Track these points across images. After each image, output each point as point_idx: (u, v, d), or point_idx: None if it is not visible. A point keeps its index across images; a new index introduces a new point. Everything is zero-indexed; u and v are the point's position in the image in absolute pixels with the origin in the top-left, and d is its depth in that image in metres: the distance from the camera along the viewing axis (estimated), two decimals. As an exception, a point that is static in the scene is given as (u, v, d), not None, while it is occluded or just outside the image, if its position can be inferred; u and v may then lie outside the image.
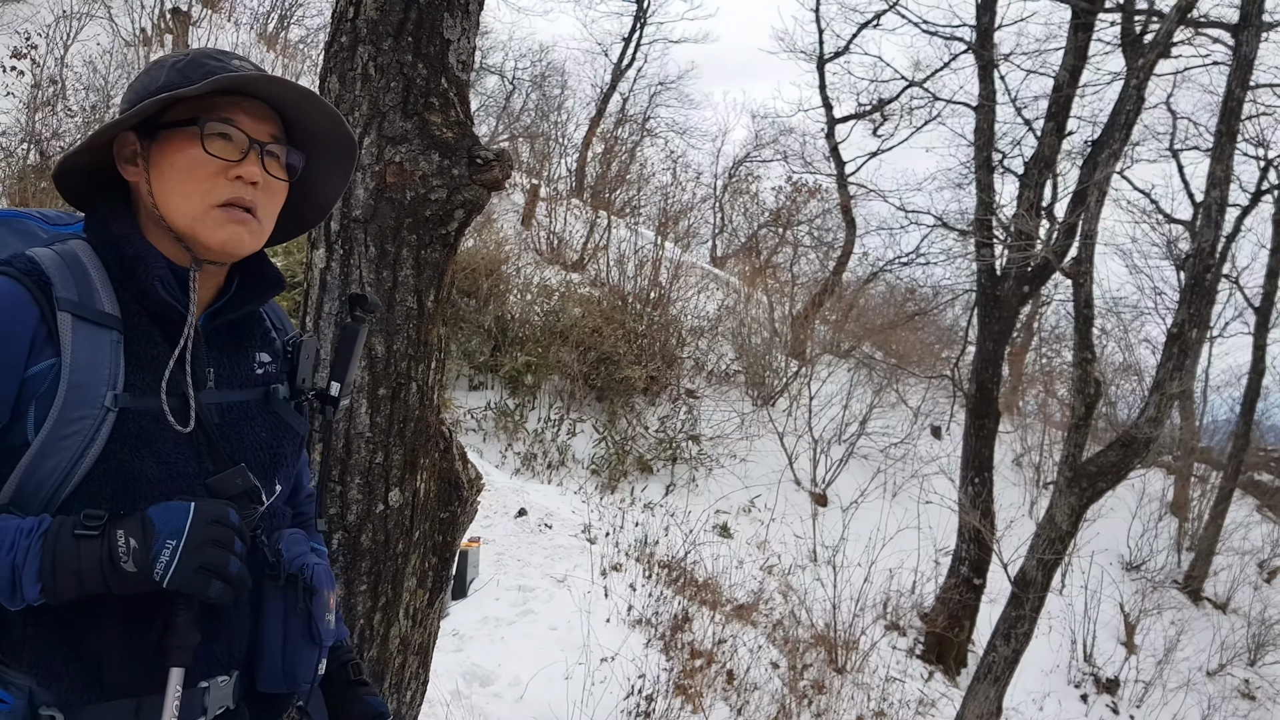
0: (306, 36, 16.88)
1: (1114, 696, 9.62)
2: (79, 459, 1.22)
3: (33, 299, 1.23)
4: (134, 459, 1.25)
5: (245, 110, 1.33)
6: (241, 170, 1.30)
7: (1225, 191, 6.66)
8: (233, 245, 1.32)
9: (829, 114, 17.14)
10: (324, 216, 1.57)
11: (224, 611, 1.34)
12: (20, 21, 10.91)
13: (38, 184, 8.46)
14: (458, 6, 2.33)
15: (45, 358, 1.22)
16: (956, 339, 15.66)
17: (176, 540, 1.17)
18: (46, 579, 1.15)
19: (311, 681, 1.42)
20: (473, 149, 2.30)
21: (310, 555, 1.45)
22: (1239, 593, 12.94)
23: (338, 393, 1.54)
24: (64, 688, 1.25)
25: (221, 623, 1.35)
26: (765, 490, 10.71)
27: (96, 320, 1.25)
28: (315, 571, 1.42)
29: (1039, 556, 6.62)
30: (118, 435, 1.24)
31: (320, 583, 1.42)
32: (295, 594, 1.39)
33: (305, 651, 1.40)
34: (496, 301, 11.11)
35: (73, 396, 1.21)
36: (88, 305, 1.25)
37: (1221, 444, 17.43)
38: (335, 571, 2.28)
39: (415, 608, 2.52)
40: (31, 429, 1.22)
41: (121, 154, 1.35)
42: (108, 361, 1.25)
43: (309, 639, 1.40)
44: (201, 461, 1.32)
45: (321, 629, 1.41)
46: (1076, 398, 6.92)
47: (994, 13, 10.45)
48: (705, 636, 6.23)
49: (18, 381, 1.21)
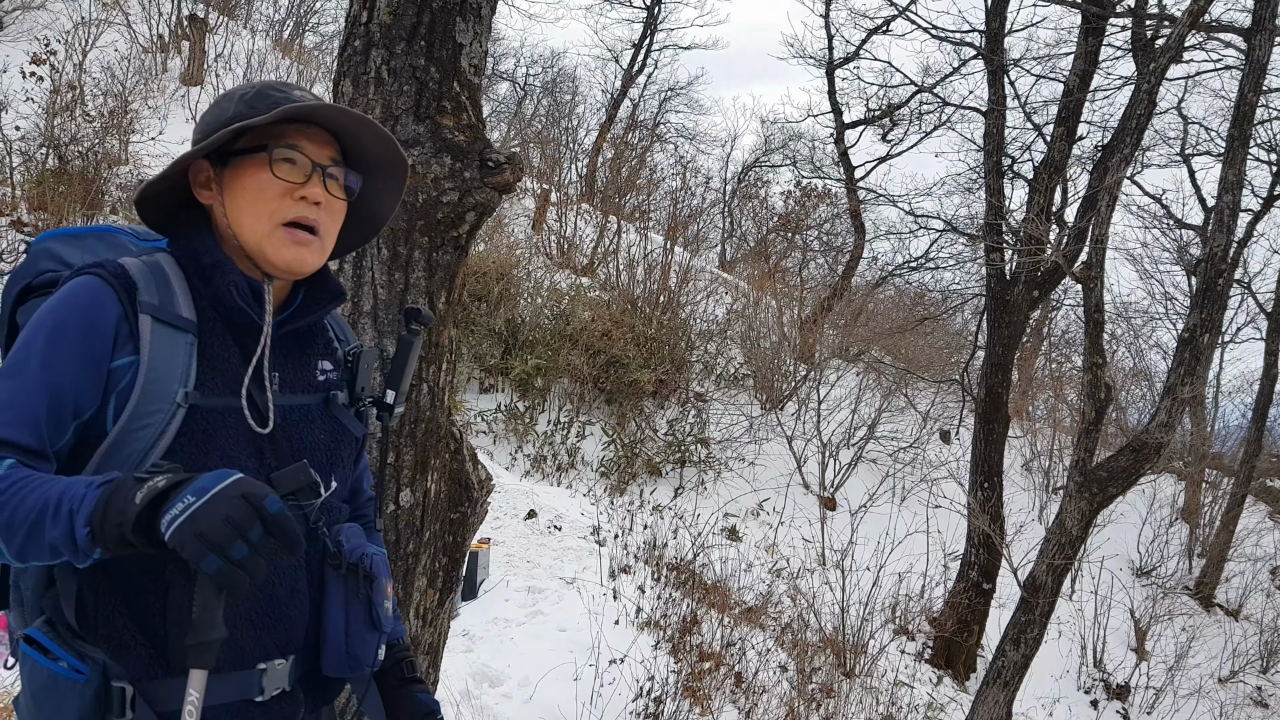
0: (321, 43, 17.01)
1: (1124, 703, 9.58)
2: (150, 450, 1.31)
3: (117, 299, 1.34)
4: (200, 453, 1.34)
5: (308, 136, 1.44)
6: (306, 191, 1.42)
7: (1237, 196, 6.63)
8: (296, 265, 1.44)
9: (838, 119, 17.14)
10: (377, 233, 1.67)
11: (281, 597, 1.42)
12: (39, 28, 11.01)
13: (56, 188, 8.53)
14: (470, 10, 2.36)
15: (126, 354, 1.33)
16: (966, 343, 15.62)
17: (196, 499, 1.17)
18: (96, 520, 1.17)
19: (371, 665, 1.49)
20: (484, 152, 2.32)
21: (369, 545, 1.54)
22: (1251, 599, 12.87)
23: (393, 400, 1.63)
24: (133, 661, 1.32)
25: (279, 608, 1.42)
26: (774, 494, 10.71)
27: (174, 323, 1.36)
28: (375, 560, 1.50)
29: (1049, 561, 6.60)
30: (186, 430, 1.33)
31: (380, 571, 1.51)
32: (356, 581, 1.47)
33: (367, 635, 1.48)
34: (507, 305, 11.15)
35: (149, 391, 1.32)
36: (167, 309, 1.37)
37: (1233, 450, 17.33)
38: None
39: (425, 608, 2.55)
40: (110, 420, 1.32)
41: (196, 180, 1.47)
42: (182, 361, 1.35)
43: (370, 624, 1.48)
44: (264, 458, 1.41)
45: (380, 615, 1.49)
46: (1087, 402, 6.90)
47: (1004, 18, 10.44)
48: (714, 639, 6.23)
49: (104, 372, 1.31)
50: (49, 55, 9.71)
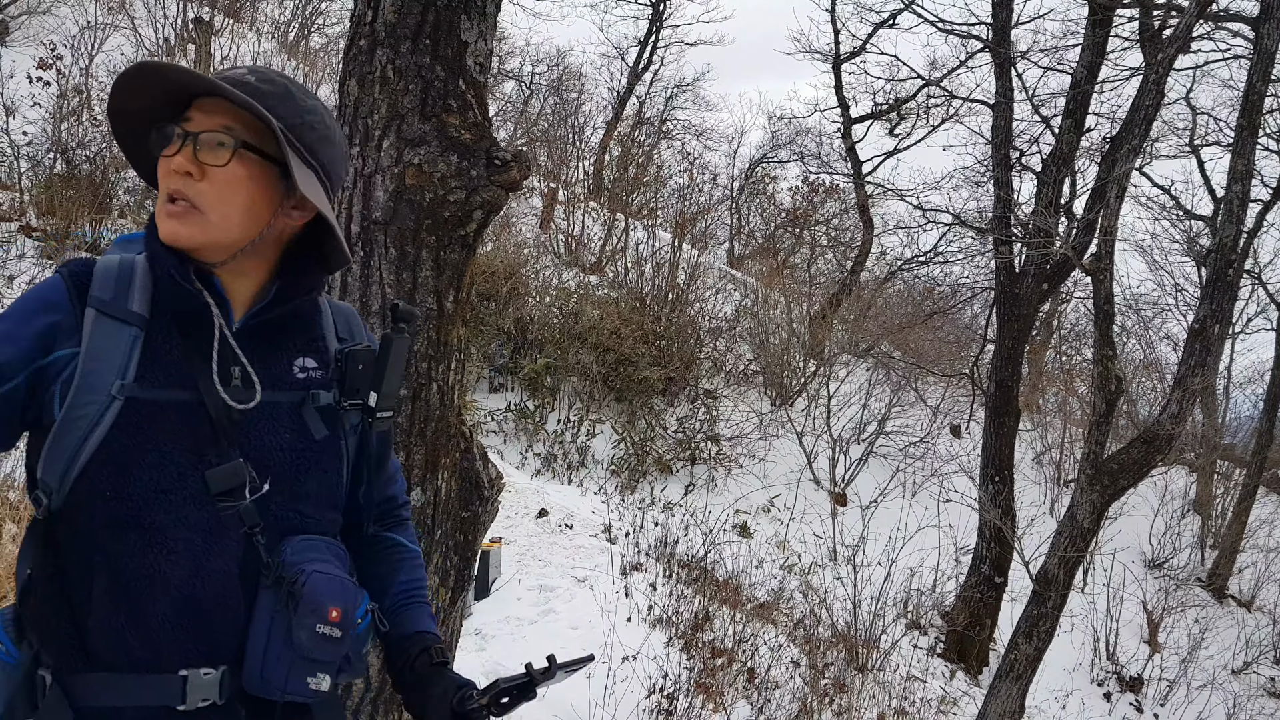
0: (327, 44, 17.02)
1: (1138, 695, 9.54)
2: (84, 441, 1.31)
3: (68, 295, 1.36)
4: (132, 445, 1.33)
5: (202, 109, 1.39)
6: (172, 162, 1.37)
7: (1247, 186, 6.59)
8: (170, 238, 1.37)
9: (845, 114, 17.09)
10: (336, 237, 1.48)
11: (206, 603, 1.36)
12: (46, 33, 11.07)
13: (64, 193, 8.57)
14: (474, 9, 2.35)
15: (70, 346, 1.34)
16: (975, 337, 15.59)
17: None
18: None
19: (284, 690, 1.36)
20: (491, 150, 2.32)
21: (317, 564, 1.40)
22: (1264, 590, 12.81)
23: (375, 403, 1.52)
24: (58, 652, 1.33)
25: (203, 614, 1.36)
26: (784, 490, 10.70)
27: (119, 317, 1.36)
28: (311, 579, 1.37)
29: (1060, 554, 6.58)
30: (121, 422, 1.32)
31: (317, 593, 1.36)
32: (281, 597, 1.37)
33: (284, 657, 1.36)
34: (516, 304, 11.16)
35: (85, 382, 1.32)
36: (117, 304, 1.37)
37: (1245, 441, 17.25)
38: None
39: (438, 606, 2.55)
40: (57, 408, 1.33)
41: None
42: (122, 354, 1.34)
43: (288, 645, 1.36)
44: (203, 454, 1.36)
45: (300, 639, 1.35)
46: (1097, 395, 6.87)
47: (1010, 10, 10.39)
48: (726, 635, 6.24)
49: (25, 357, 1.32)
50: (55, 60, 9.76)
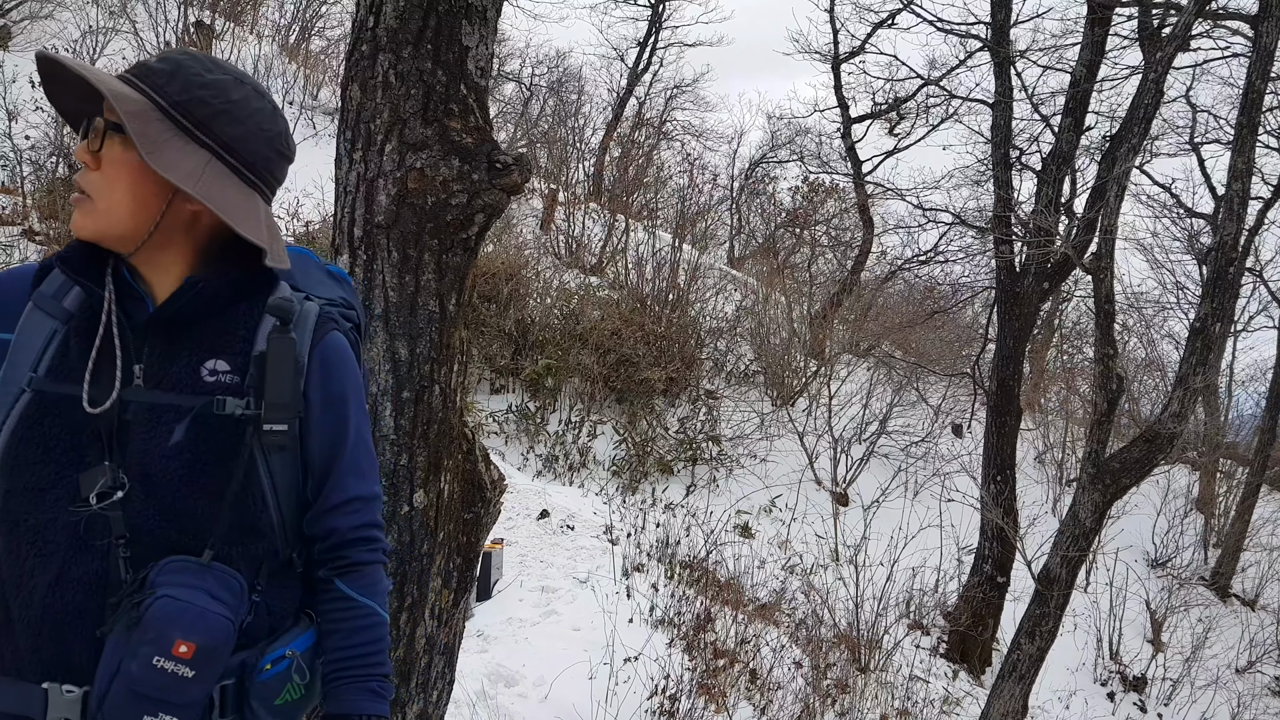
0: (328, 47, 17.01)
1: (1141, 694, 9.54)
2: (2, 425, 1.35)
3: (30, 284, 1.42)
4: (25, 439, 1.35)
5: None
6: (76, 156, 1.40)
7: (1247, 184, 6.59)
8: (74, 230, 1.38)
9: (845, 114, 17.09)
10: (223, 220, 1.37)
11: (61, 615, 1.30)
12: (48, 37, 11.09)
13: (67, 196, 8.58)
14: (475, 14, 2.36)
15: (5, 332, 1.39)
16: (976, 336, 15.56)
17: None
18: None
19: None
20: (492, 154, 2.33)
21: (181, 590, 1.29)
22: (1268, 589, 12.80)
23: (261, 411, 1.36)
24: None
25: (58, 626, 1.31)
26: (786, 490, 10.70)
27: (49, 311, 1.39)
28: (157, 604, 1.27)
29: (1063, 554, 6.58)
30: (25, 414, 1.35)
31: (160, 620, 1.26)
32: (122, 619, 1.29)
33: (122, 690, 1.26)
34: (517, 305, 11.16)
35: (7, 374, 1.37)
36: (52, 299, 1.40)
37: (1247, 439, 17.23)
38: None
39: (441, 608, 2.55)
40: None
41: None
42: (40, 346, 1.37)
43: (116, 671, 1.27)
44: (84, 454, 1.34)
45: (133, 669, 1.25)
46: (1099, 394, 6.87)
47: (1009, 9, 10.40)
48: (728, 636, 6.24)
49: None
50: (57, 64, 9.76)
